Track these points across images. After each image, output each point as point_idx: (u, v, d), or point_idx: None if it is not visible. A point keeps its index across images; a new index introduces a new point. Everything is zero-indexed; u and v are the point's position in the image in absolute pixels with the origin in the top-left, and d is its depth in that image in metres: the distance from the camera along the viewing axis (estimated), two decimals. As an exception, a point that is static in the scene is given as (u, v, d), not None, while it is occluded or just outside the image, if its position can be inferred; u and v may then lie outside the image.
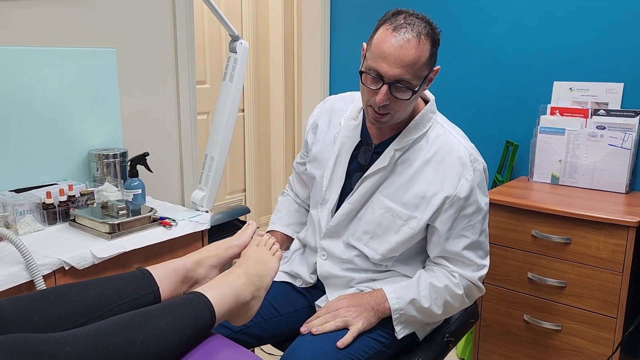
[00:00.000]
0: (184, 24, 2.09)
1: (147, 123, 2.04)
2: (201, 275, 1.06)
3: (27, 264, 1.21)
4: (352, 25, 2.71)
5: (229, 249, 1.12)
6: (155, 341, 0.78)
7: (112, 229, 1.44)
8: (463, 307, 1.29)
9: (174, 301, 0.89)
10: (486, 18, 2.27)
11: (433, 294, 1.22)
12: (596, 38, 2.00)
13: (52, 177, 1.73)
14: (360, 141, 1.29)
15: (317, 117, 1.42)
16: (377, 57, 1.11)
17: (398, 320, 1.22)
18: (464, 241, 1.22)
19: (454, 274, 1.24)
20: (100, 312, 0.87)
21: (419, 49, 1.09)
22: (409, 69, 1.09)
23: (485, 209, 1.25)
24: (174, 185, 2.18)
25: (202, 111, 3.30)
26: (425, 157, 1.21)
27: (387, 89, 1.11)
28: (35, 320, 0.82)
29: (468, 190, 1.18)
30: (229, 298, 0.93)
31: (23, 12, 1.64)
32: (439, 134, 1.24)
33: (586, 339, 1.73)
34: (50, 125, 1.71)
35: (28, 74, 1.64)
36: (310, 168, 1.40)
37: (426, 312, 1.23)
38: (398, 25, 1.10)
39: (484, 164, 1.25)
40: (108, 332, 0.76)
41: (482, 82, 2.32)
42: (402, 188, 1.22)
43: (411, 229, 1.22)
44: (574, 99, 2.04)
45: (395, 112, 1.16)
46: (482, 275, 1.26)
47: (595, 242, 1.66)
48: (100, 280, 0.94)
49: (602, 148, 1.90)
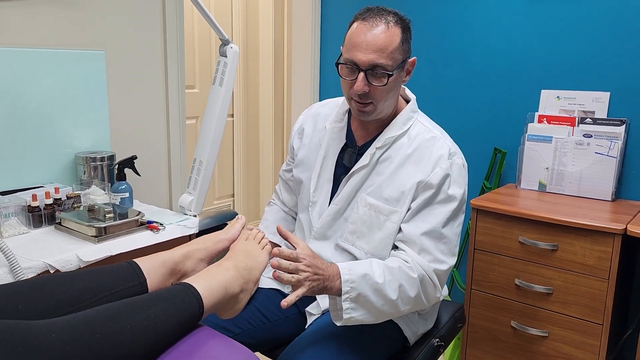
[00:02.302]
0: (173, 28, 2.08)
1: (135, 126, 2.02)
2: (189, 268, 1.05)
3: (12, 266, 1.19)
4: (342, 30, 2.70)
5: (217, 243, 1.11)
6: (143, 330, 0.77)
7: (98, 233, 1.42)
8: (419, 305, 1.21)
9: (162, 291, 0.88)
10: (475, 27, 2.29)
11: (387, 274, 1.15)
12: (583, 47, 2.03)
13: (38, 180, 1.71)
14: (345, 143, 1.32)
15: (302, 122, 1.44)
16: (351, 47, 1.17)
17: (348, 295, 1.11)
18: (424, 226, 1.19)
19: (407, 260, 1.18)
20: (86, 303, 0.86)
21: (389, 33, 1.16)
22: (382, 53, 1.15)
23: (457, 202, 1.22)
24: (162, 189, 2.17)
25: (191, 116, 3.29)
26: (405, 153, 1.24)
27: (364, 76, 1.16)
28: (19, 309, 0.80)
29: (441, 178, 1.20)
30: (217, 290, 0.92)
31: (10, 13, 1.63)
32: (420, 132, 1.27)
33: (572, 345, 1.74)
34: (37, 127, 1.69)
35: (15, 75, 1.63)
36: (297, 172, 1.41)
37: (380, 291, 1.13)
38: (367, 17, 1.18)
39: (463, 160, 1.26)
40: (95, 321, 0.75)
41: (470, 90, 2.34)
42: (383, 184, 1.24)
43: (393, 224, 1.22)
44: (561, 107, 2.06)
45: (377, 102, 1.19)
46: (438, 269, 1.19)
47: (582, 249, 1.68)
48: (86, 272, 0.92)
49: (588, 156, 1.92)
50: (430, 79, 2.46)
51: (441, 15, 2.38)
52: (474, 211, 1.89)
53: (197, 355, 0.81)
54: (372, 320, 1.16)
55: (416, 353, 1.31)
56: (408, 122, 1.28)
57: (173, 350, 0.82)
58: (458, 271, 2.41)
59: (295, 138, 1.45)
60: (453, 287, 2.43)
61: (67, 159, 1.78)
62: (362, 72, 1.16)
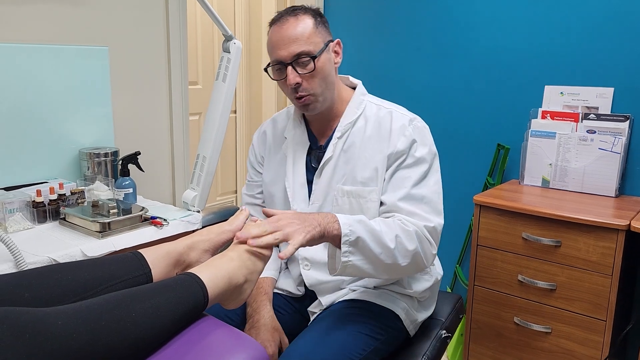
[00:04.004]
0: (177, 24, 2.08)
1: (138, 122, 2.03)
2: (193, 259, 1.06)
3: (17, 261, 1.20)
4: (345, 26, 2.72)
5: (221, 234, 1.11)
6: (148, 319, 0.78)
7: (102, 228, 1.43)
8: (419, 262, 1.18)
9: (167, 281, 0.88)
10: (478, 22, 2.28)
11: (383, 225, 1.15)
12: (587, 42, 2.02)
13: (42, 176, 1.71)
14: (310, 146, 1.35)
15: (257, 148, 1.45)
16: (272, 49, 1.23)
17: (347, 238, 1.09)
18: (400, 192, 1.21)
19: (399, 218, 1.19)
20: (91, 292, 0.86)
21: (299, 21, 1.21)
22: (299, 42, 1.20)
23: (428, 162, 1.24)
24: (165, 185, 2.17)
25: (194, 112, 3.29)
26: (367, 134, 1.28)
27: (292, 69, 1.21)
28: (25, 297, 0.81)
29: (407, 144, 1.23)
30: (221, 280, 0.93)
31: (15, 9, 1.63)
32: (374, 110, 1.31)
33: (576, 341, 1.74)
34: (41, 123, 1.70)
35: (20, 71, 1.63)
36: (268, 188, 1.41)
37: (378, 238, 1.12)
38: (277, 19, 1.24)
39: (423, 122, 1.29)
40: (100, 309, 0.75)
41: (473, 86, 2.33)
42: (355, 169, 1.27)
43: (374, 202, 1.24)
44: (564, 103, 2.06)
45: (314, 90, 1.23)
46: (428, 226, 1.18)
47: (585, 245, 1.68)
48: (91, 262, 0.93)
49: (592, 152, 1.92)
50: (433, 75, 2.45)
51: (444, 10, 2.37)
52: (477, 207, 1.89)
53: (202, 343, 0.82)
54: (371, 270, 1.14)
55: (426, 345, 1.31)
56: (360, 106, 1.31)
57: (178, 339, 0.83)
58: (461, 267, 2.42)
59: (255, 165, 1.45)
60: (456, 283, 2.43)
61: (71, 155, 1.79)
62: (288, 65, 1.21)
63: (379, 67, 2.63)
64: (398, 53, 2.56)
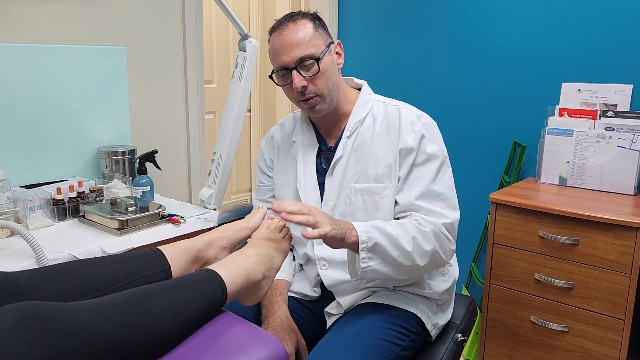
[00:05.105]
0: (193, 24, 2.10)
1: (155, 121, 2.05)
2: (211, 256, 1.07)
3: (38, 258, 1.22)
4: (360, 25, 2.72)
5: (239, 231, 1.12)
6: (169, 314, 0.79)
7: (121, 225, 1.45)
8: (437, 260, 1.20)
9: (186, 277, 0.89)
10: (494, 18, 2.27)
11: (400, 228, 1.16)
12: (605, 39, 2.00)
13: (62, 174, 1.74)
14: (319, 148, 1.35)
15: (266, 153, 1.46)
16: (275, 56, 1.25)
17: (365, 245, 1.12)
18: (416, 190, 1.22)
19: (415, 218, 1.20)
20: (113, 287, 0.88)
21: (299, 26, 1.23)
22: (301, 46, 1.21)
23: (440, 159, 1.24)
24: (182, 183, 2.19)
25: (209, 111, 3.31)
26: (376, 131, 1.28)
27: (297, 72, 1.22)
28: (49, 292, 0.83)
29: (417, 140, 1.23)
30: (240, 276, 0.94)
31: (34, 9, 1.66)
32: (382, 108, 1.31)
33: (593, 340, 1.72)
34: (60, 122, 1.72)
35: (39, 71, 1.66)
36: (279, 191, 1.41)
37: (395, 241, 1.13)
38: (276, 26, 1.26)
39: (431, 119, 1.30)
40: (122, 304, 0.77)
41: (490, 83, 2.32)
42: (367, 167, 1.27)
43: (389, 199, 1.25)
44: (582, 100, 2.04)
45: (320, 92, 1.24)
46: (446, 222, 1.20)
47: (603, 244, 1.66)
48: (112, 258, 0.95)
49: (610, 150, 1.90)
50: (449, 72, 2.44)
51: (459, 8, 2.36)
52: (493, 205, 1.88)
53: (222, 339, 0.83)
54: (391, 272, 1.16)
55: (443, 349, 1.31)
56: (367, 105, 1.32)
57: (198, 334, 0.84)
58: (476, 265, 2.40)
59: (265, 170, 1.46)
60: (471, 282, 2.42)
61: (90, 154, 1.81)
62: (293, 70, 1.22)
63: (394, 66, 2.63)
64: (413, 52, 2.55)
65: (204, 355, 0.79)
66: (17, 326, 0.65)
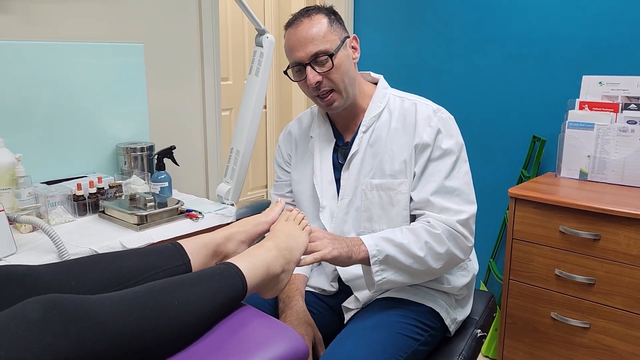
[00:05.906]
0: (209, 21, 2.10)
1: (173, 117, 2.06)
2: (230, 250, 1.07)
3: (60, 252, 1.24)
4: (376, 18, 2.70)
5: (257, 225, 1.13)
6: (190, 307, 0.80)
7: (140, 221, 1.46)
8: (454, 260, 1.20)
9: (207, 270, 0.90)
10: (513, 10, 2.24)
11: (409, 235, 1.17)
12: (627, 30, 1.96)
13: (81, 170, 1.76)
14: (336, 143, 1.35)
15: (284, 148, 1.46)
16: (289, 52, 1.25)
17: (376, 259, 1.14)
18: (431, 186, 1.21)
19: (428, 221, 1.19)
20: (134, 281, 0.89)
21: (313, 22, 1.23)
22: (315, 41, 1.21)
23: (455, 154, 1.23)
24: (199, 178, 2.21)
25: (225, 107, 3.33)
26: (392, 127, 1.28)
27: (311, 68, 1.22)
28: (72, 285, 0.84)
29: (433, 136, 1.22)
30: (260, 269, 0.94)
31: (53, 7, 1.67)
32: (398, 103, 1.30)
33: (615, 337, 1.70)
34: (79, 119, 1.74)
35: (58, 68, 1.67)
36: (296, 186, 1.42)
37: (406, 250, 1.15)
38: (291, 21, 1.26)
39: (448, 113, 1.28)
40: (144, 296, 0.77)
41: (508, 76, 2.29)
42: (383, 162, 1.26)
43: (404, 194, 1.24)
44: (603, 93, 2.00)
45: (336, 87, 1.24)
46: (461, 219, 1.19)
47: (626, 239, 1.63)
48: (133, 251, 0.95)
49: (632, 143, 1.86)
50: (467, 65, 2.42)
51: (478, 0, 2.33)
52: (512, 200, 1.86)
53: (242, 332, 0.83)
54: (407, 279, 1.18)
55: (462, 344, 1.30)
56: (384, 100, 1.31)
57: (218, 327, 0.84)
58: (495, 261, 2.38)
59: (283, 165, 1.46)
60: (490, 278, 2.40)
61: (109, 150, 1.83)
62: (308, 65, 1.22)
63: (412, 59, 2.61)
64: (431, 45, 2.53)
65: (225, 348, 0.79)
66: (43, 318, 0.66)
